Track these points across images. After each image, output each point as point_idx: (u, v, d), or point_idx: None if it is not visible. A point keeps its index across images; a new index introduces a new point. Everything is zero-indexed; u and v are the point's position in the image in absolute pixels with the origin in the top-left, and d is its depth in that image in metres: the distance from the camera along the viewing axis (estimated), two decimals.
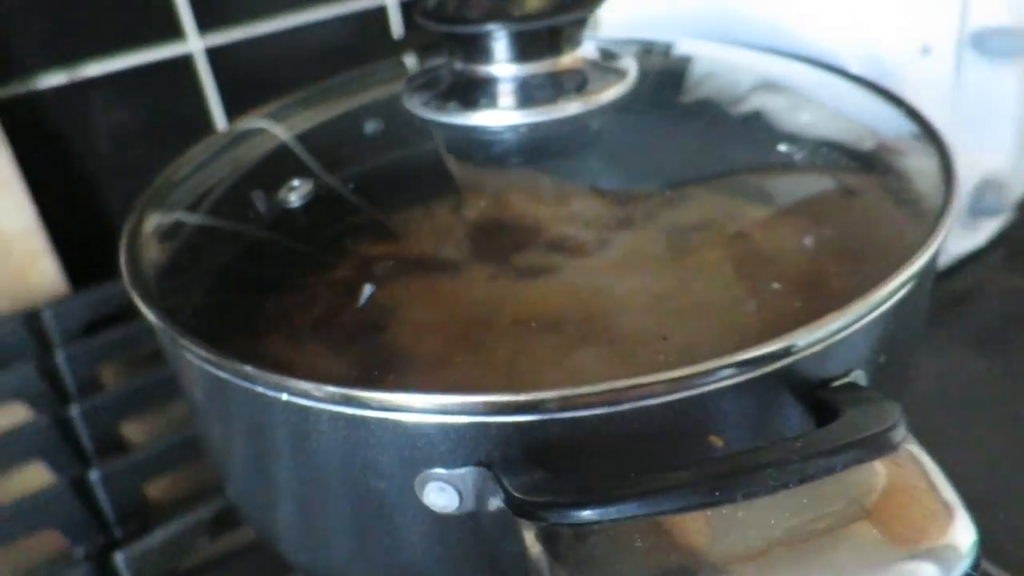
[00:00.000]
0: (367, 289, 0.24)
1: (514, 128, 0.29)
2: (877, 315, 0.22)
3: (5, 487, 0.43)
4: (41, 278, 0.60)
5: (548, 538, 0.16)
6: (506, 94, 0.29)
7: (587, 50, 0.30)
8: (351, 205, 0.29)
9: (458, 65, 0.30)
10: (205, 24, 0.62)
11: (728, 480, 0.16)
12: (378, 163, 0.30)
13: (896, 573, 0.15)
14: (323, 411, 0.21)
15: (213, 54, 0.63)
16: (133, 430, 0.48)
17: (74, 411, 0.45)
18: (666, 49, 0.37)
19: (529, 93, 0.29)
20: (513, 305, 0.26)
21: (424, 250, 0.28)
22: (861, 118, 0.33)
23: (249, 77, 0.65)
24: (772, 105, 0.33)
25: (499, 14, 0.27)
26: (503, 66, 0.29)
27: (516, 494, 0.17)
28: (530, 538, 0.16)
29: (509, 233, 0.29)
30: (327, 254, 0.28)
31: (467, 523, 0.21)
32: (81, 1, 0.58)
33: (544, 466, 0.19)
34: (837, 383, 0.20)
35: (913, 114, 0.31)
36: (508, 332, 0.24)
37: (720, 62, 0.36)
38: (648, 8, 0.57)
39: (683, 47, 0.37)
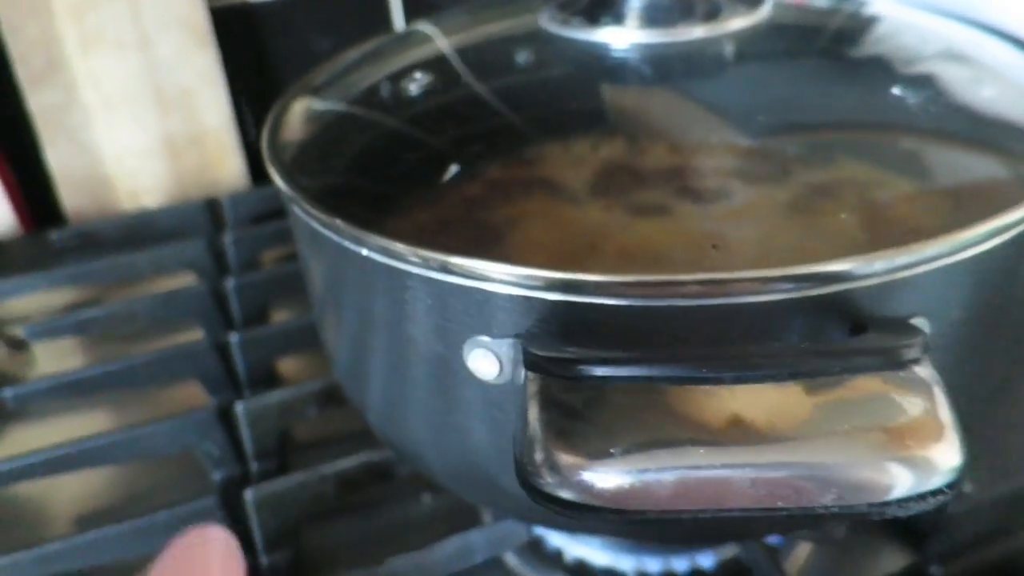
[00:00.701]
0: (453, 168, 0.26)
1: (635, 47, 0.29)
2: (949, 263, 0.21)
3: (165, 342, 0.50)
4: (228, 171, 0.67)
5: (546, 387, 0.17)
6: (633, 13, 0.29)
7: None
8: (475, 112, 0.31)
9: None
10: None
11: (718, 362, 0.16)
12: (507, 75, 0.32)
13: (873, 466, 0.15)
14: (390, 268, 0.23)
15: None
16: (280, 315, 0.53)
17: (230, 284, 0.50)
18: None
19: (656, 14, 0.29)
20: (621, 236, 0.27)
21: (542, 169, 0.30)
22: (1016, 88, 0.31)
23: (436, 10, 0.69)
24: (919, 66, 0.32)
25: None
26: None
27: (528, 351, 0.18)
28: (532, 387, 0.17)
29: (626, 167, 0.30)
30: (453, 157, 0.30)
31: (506, 393, 0.23)
32: None
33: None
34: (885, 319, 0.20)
35: None
36: (612, 259, 0.25)
37: (882, 19, 0.34)
38: None
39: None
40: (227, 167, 0.67)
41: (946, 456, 0.15)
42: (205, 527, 0.25)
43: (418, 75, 0.33)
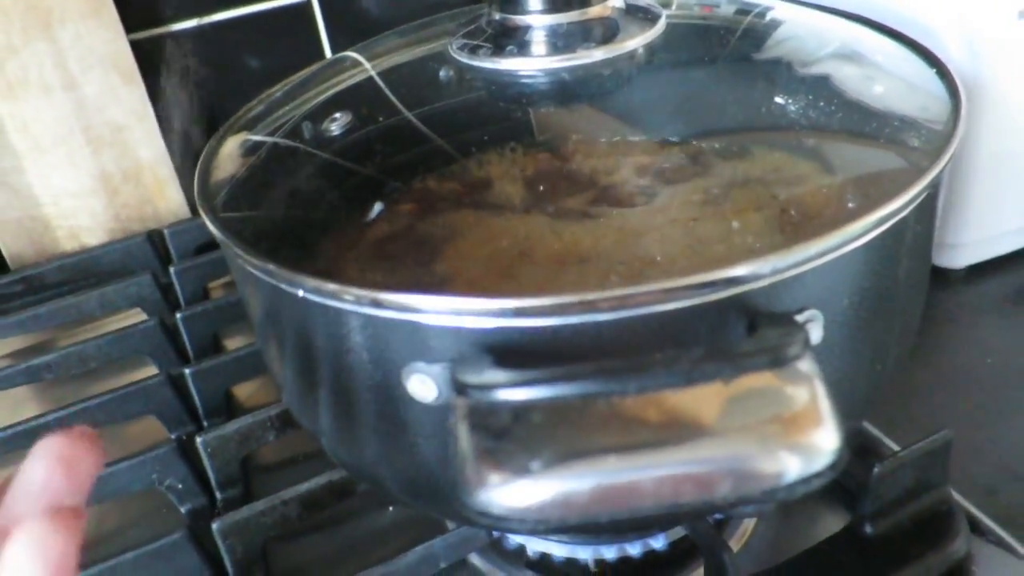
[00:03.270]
0: (376, 207, 0.27)
1: (541, 72, 0.31)
2: (834, 258, 0.23)
3: (119, 379, 0.50)
4: (167, 203, 0.67)
5: (472, 410, 0.19)
6: (537, 42, 0.31)
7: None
8: (399, 139, 0.33)
9: (496, 15, 0.32)
10: None
11: (621, 375, 0.18)
12: (427, 104, 0.34)
13: (764, 457, 0.17)
14: (326, 306, 0.24)
15: (326, 1, 0.68)
16: (232, 341, 0.54)
17: (179, 316, 0.51)
18: (743, 11, 0.38)
19: (559, 41, 0.31)
20: (549, 242, 0.29)
21: (470, 185, 0.31)
22: (895, 76, 0.33)
23: (359, 20, 0.69)
24: (815, 66, 0.34)
25: None
26: (535, 16, 0.31)
27: (456, 377, 0.20)
28: (459, 410, 0.19)
29: (548, 177, 0.32)
30: (383, 182, 0.31)
31: (446, 412, 0.24)
32: None
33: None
34: (778, 316, 0.22)
35: (942, 72, 0.31)
36: (542, 265, 0.27)
37: (779, 22, 0.36)
38: None
39: (764, 7, 0.38)
40: (165, 199, 0.67)
41: (826, 440, 0.17)
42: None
43: (345, 107, 0.34)
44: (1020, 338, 0.49)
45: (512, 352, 0.22)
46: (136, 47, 0.63)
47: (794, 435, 0.17)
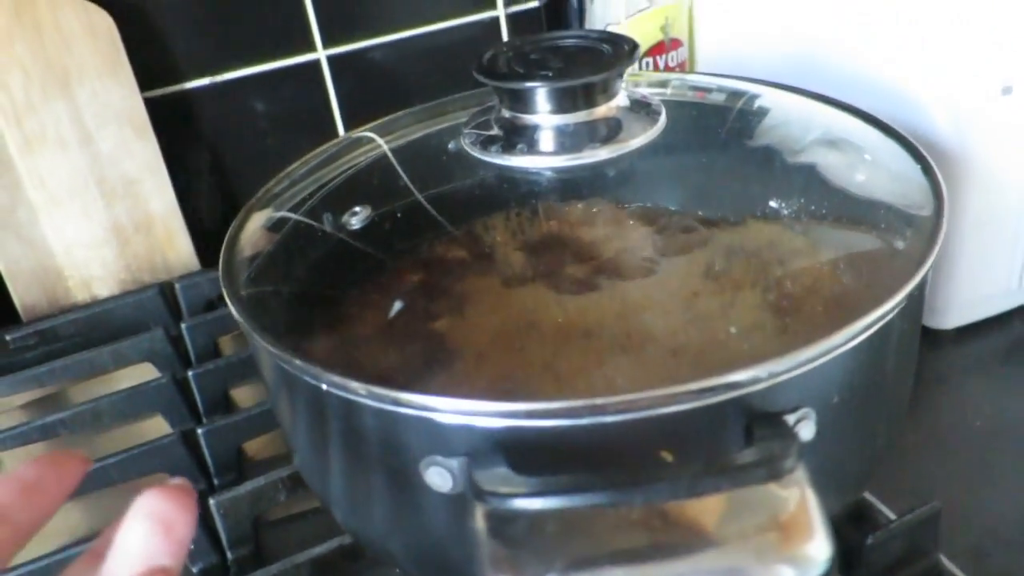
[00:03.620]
0: (397, 305, 0.29)
1: (550, 170, 0.33)
2: (825, 361, 0.25)
3: (130, 435, 0.51)
4: (177, 254, 0.68)
5: (490, 517, 0.20)
6: (545, 140, 0.33)
7: (622, 99, 0.34)
8: (413, 225, 0.34)
9: (505, 113, 0.34)
10: (330, 36, 0.69)
11: (629, 488, 0.19)
12: (440, 190, 0.35)
13: (766, 571, 0.18)
14: (348, 400, 0.26)
15: (335, 61, 0.70)
16: (244, 394, 0.56)
17: (191, 374, 0.52)
18: (735, 96, 0.40)
19: (566, 140, 0.33)
20: (556, 315, 0.31)
21: (480, 265, 0.33)
22: (881, 164, 0.35)
23: (366, 79, 0.72)
24: (804, 154, 0.36)
25: (540, 72, 0.32)
26: (543, 116, 0.33)
27: (475, 481, 0.21)
28: (478, 516, 0.21)
29: (555, 254, 0.34)
30: (393, 263, 0.33)
31: (461, 500, 0.26)
32: (231, 18, 0.66)
33: (516, 464, 0.23)
34: (773, 417, 0.24)
35: (927, 168, 0.33)
36: (549, 336, 0.29)
37: (757, 110, 0.38)
38: (738, 53, 0.60)
39: (756, 94, 0.40)
40: (175, 249, 0.69)
41: (819, 550, 0.19)
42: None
43: (362, 190, 0.36)
44: (1009, 399, 0.51)
45: (525, 449, 0.24)
46: (150, 104, 0.65)
47: (789, 547, 0.19)
